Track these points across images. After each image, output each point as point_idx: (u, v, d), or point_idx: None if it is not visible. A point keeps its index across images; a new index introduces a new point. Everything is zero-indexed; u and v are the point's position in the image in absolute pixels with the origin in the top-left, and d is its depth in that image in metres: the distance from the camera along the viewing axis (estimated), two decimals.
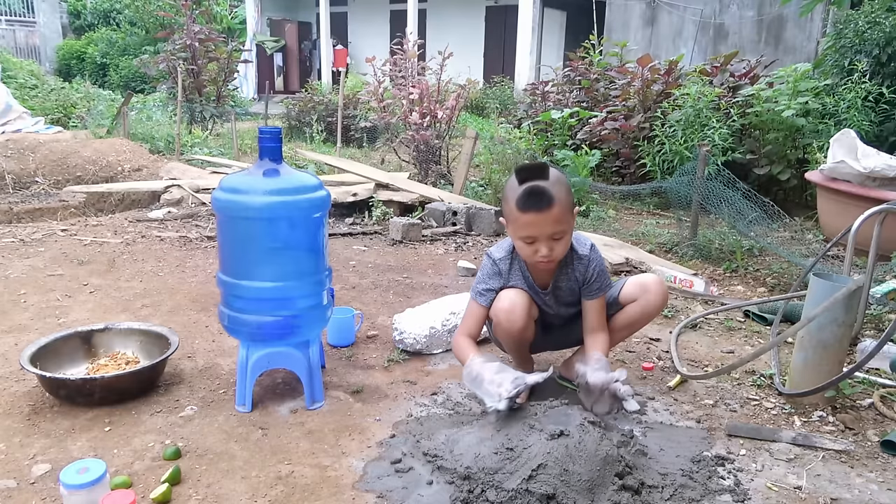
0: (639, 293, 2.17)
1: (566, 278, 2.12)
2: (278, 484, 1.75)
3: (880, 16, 5.24)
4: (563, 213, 1.93)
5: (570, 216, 1.98)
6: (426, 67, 6.75)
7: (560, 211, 1.92)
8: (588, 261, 2.10)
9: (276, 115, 10.01)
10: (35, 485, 1.72)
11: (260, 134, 2.02)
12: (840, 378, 2.13)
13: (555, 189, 1.90)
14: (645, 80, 5.91)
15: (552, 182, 1.91)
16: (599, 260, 2.11)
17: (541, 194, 1.89)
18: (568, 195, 1.96)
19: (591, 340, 2.13)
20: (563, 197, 1.92)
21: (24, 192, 5.08)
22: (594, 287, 2.11)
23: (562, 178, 1.97)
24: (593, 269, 2.09)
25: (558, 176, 1.96)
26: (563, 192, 1.93)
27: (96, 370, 2.27)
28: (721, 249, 4.06)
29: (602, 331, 2.14)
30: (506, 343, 2.22)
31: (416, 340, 2.56)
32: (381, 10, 17.25)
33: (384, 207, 4.87)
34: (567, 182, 2.00)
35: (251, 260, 1.99)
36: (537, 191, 1.89)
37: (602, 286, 2.11)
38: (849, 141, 4.17)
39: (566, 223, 1.96)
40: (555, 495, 1.61)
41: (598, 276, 2.10)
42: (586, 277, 2.10)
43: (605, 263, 2.12)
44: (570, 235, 2.02)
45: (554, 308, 2.20)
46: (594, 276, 2.10)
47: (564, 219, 1.95)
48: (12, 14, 16.72)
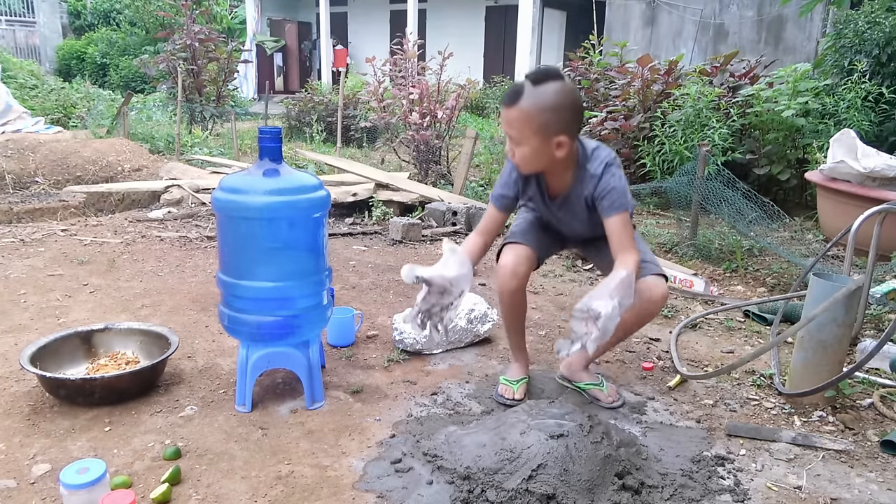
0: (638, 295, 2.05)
1: (576, 193, 2.04)
2: (278, 484, 1.75)
3: (880, 16, 5.24)
4: (517, 120, 1.87)
5: (532, 134, 1.87)
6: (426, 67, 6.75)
7: (515, 116, 1.87)
8: (598, 178, 1.98)
9: (276, 115, 10.01)
10: (35, 485, 1.72)
11: (260, 134, 2.02)
12: (840, 378, 2.13)
13: (529, 95, 1.84)
14: (645, 80, 5.91)
15: (536, 90, 1.84)
16: (612, 180, 1.96)
17: (511, 90, 1.87)
18: (539, 112, 1.84)
19: (617, 262, 1.91)
20: (527, 106, 1.84)
21: (24, 192, 5.08)
22: (604, 205, 1.97)
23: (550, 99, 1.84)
24: (602, 187, 1.96)
25: (553, 89, 1.84)
26: (532, 104, 1.84)
27: (96, 370, 2.27)
28: (721, 249, 4.07)
29: (625, 251, 1.92)
30: (500, 303, 2.26)
31: (416, 340, 2.56)
32: (381, 10, 17.25)
33: (384, 207, 4.87)
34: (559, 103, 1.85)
35: (251, 260, 1.99)
36: (513, 87, 1.87)
37: (613, 204, 1.94)
38: (849, 141, 4.17)
39: (518, 132, 1.89)
40: (555, 495, 1.61)
41: (608, 193, 1.95)
42: (594, 194, 1.99)
43: (623, 184, 1.96)
44: (531, 151, 1.91)
45: (564, 222, 2.15)
46: (603, 194, 1.96)
47: (517, 126, 1.88)
48: (12, 14, 16.72)
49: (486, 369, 2.51)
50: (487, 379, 2.43)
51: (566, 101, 1.87)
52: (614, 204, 1.95)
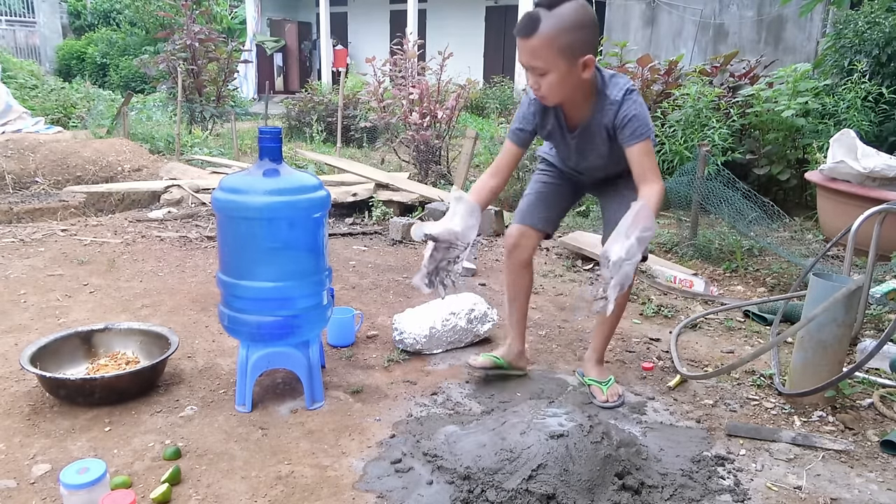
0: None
1: (595, 122, 1.99)
2: (278, 484, 1.75)
3: (880, 16, 5.24)
4: (540, 48, 1.81)
5: (557, 57, 1.81)
6: (426, 67, 6.75)
7: (538, 44, 1.80)
8: (618, 105, 1.93)
9: (276, 115, 10.01)
10: (35, 485, 1.72)
11: (260, 134, 2.02)
12: (840, 378, 2.13)
13: (547, 21, 1.78)
14: (645, 80, 5.91)
15: (552, 13, 1.78)
16: (633, 107, 1.91)
17: (526, 20, 1.81)
18: (561, 33, 1.78)
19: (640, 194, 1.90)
20: (548, 31, 1.78)
21: (24, 192, 5.08)
22: (625, 133, 1.92)
23: (569, 15, 1.78)
24: (623, 115, 1.91)
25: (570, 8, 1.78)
26: (555, 29, 1.78)
27: (96, 370, 2.27)
28: (721, 249, 4.07)
29: (648, 181, 1.91)
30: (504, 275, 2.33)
31: (416, 340, 2.56)
32: (381, 10, 17.25)
33: (384, 207, 4.86)
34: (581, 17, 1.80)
35: (251, 260, 1.99)
36: (526, 16, 1.81)
37: (635, 132, 1.91)
38: (848, 141, 4.17)
39: (543, 60, 1.83)
40: (555, 495, 1.61)
41: (629, 121, 1.91)
42: (615, 123, 1.94)
43: (644, 111, 1.92)
44: (558, 78, 1.85)
45: (583, 155, 2.09)
46: (624, 122, 1.91)
47: (542, 55, 1.82)
48: (12, 14, 16.72)
49: None
50: (487, 379, 2.42)
51: (586, 18, 1.82)
52: (636, 132, 1.91)
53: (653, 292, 3.47)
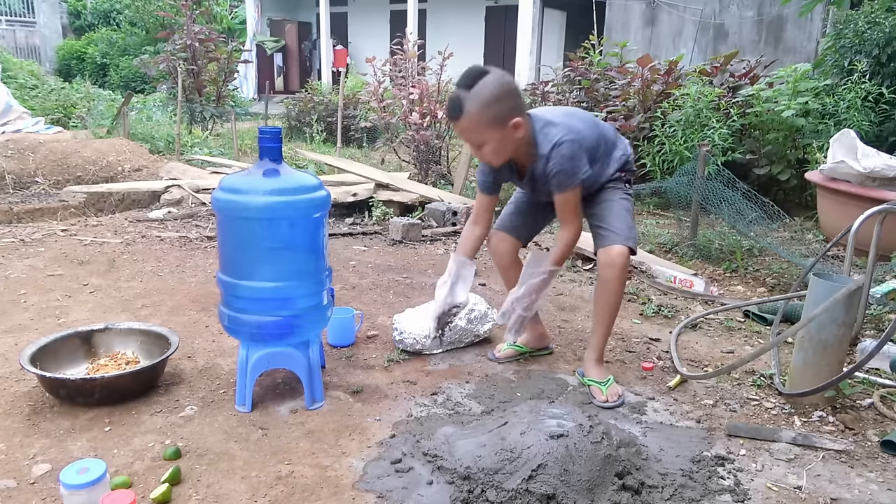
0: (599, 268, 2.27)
1: (537, 170, 2.18)
2: (278, 484, 1.75)
3: (880, 16, 5.24)
4: (470, 127, 1.98)
5: (487, 129, 1.98)
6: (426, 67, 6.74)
7: (467, 124, 1.98)
8: (547, 159, 2.10)
9: (276, 115, 10.01)
10: (35, 485, 1.72)
11: (260, 134, 2.02)
12: (840, 378, 2.13)
13: (469, 102, 1.94)
14: (645, 80, 5.91)
15: (472, 94, 1.93)
16: (559, 162, 2.08)
17: (451, 104, 1.99)
18: (485, 109, 1.94)
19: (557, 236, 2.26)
20: (472, 110, 1.94)
21: (24, 192, 5.08)
22: (553, 183, 2.13)
23: (487, 91, 1.93)
24: (550, 169, 2.10)
25: (487, 83, 1.94)
26: (476, 106, 1.94)
27: (96, 370, 2.27)
28: (721, 249, 4.07)
29: (564, 227, 2.20)
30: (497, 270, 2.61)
31: (416, 340, 2.56)
32: (381, 10, 17.25)
33: (384, 207, 4.87)
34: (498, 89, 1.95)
35: (251, 260, 1.99)
36: (450, 100, 2.00)
37: (559, 185, 2.11)
38: (849, 141, 4.17)
39: (475, 135, 2.01)
40: (555, 495, 1.61)
41: (555, 176, 2.10)
42: (545, 173, 2.13)
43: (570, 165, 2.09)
44: (496, 145, 2.03)
45: (541, 194, 2.31)
46: (550, 176, 2.12)
47: (473, 131, 2.00)
48: (12, 14, 16.71)
49: (486, 369, 2.51)
50: (487, 379, 2.43)
51: (504, 88, 1.97)
52: (560, 185, 2.13)
53: (653, 292, 3.47)
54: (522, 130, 2.04)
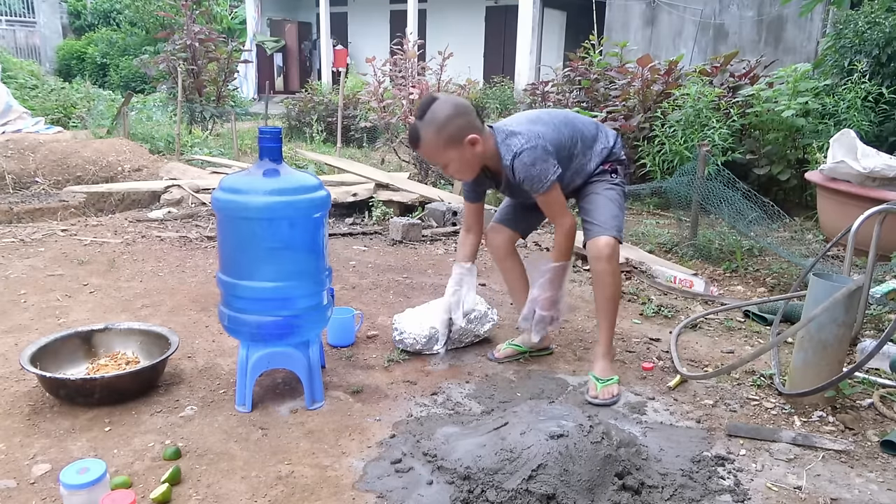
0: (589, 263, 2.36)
1: (507, 179, 2.30)
2: (278, 484, 1.75)
3: (880, 16, 5.24)
4: (429, 151, 2.16)
5: (445, 150, 2.14)
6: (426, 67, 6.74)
7: (426, 150, 2.16)
8: (511, 170, 2.21)
9: (276, 115, 10.01)
10: (35, 485, 1.72)
11: (260, 134, 2.02)
12: (840, 378, 2.13)
13: (424, 129, 2.11)
14: (645, 80, 5.90)
15: (424, 121, 2.10)
16: (523, 170, 2.17)
17: (410, 134, 2.17)
18: (438, 133, 2.10)
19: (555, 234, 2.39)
20: (428, 136, 2.11)
21: (24, 192, 5.08)
22: (527, 188, 2.23)
23: (438, 116, 2.09)
24: (518, 172, 2.19)
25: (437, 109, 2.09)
26: (430, 132, 2.10)
27: (96, 370, 2.27)
28: (721, 249, 4.07)
29: (556, 225, 2.32)
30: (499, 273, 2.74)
31: (416, 340, 2.56)
32: (381, 10, 17.24)
33: (384, 207, 4.87)
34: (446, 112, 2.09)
35: (251, 260, 1.99)
36: (409, 130, 2.17)
37: (534, 187, 2.20)
38: (849, 141, 4.17)
39: (437, 157, 2.18)
40: (555, 495, 1.61)
41: (524, 182, 2.20)
42: (517, 181, 2.22)
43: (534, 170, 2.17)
44: (458, 163, 2.18)
45: (520, 199, 2.48)
46: (522, 181, 2.20)
47: (433, 155, 2.17)
48: (12, 14, 16.71)
49: (486, 369, 2.51)
50: (487, 379, 2.43)
51: (453, 110, 2.12)
52: (533, 188, 2.22)
53: (653, 292, 3.47)
54: (480, 146, 2.16)
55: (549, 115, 2.36)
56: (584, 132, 2.36)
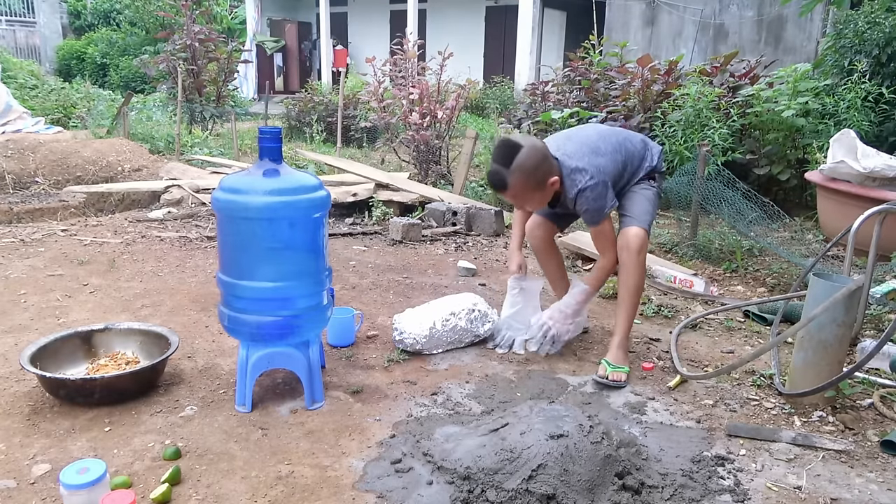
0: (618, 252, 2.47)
1: (564, 204, 2.47)
2: (278, 484, 1.75)
3: (880, 16, 5.24)
4: (515, 195, 2.31)
5: (530, 192, 2.31)
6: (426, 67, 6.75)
7: (513, 194, 2.30)
8: (574, 199, 2.37)
9: (276, 115, 10.01)
10: (35, 485, 1.72)
11: (260, 134, 2.02)
12: (840, 378, 2.13)
13: (511, 176, 2.23)
14: (645, 80, 5.91)
15: (512, 169, 2.22)
16: (584, 203, 2.35)
17: (495, 179, 2.28)
18: (527, 179, 2.25)
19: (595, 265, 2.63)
20: (516, 183, 2.25)
21: (24, 192, 5.08)
22: (584, 218, 2.44)
23: (527, 164, 2.23)
24: (580, 205, 2.37)
25: (523, 158, 2.22)
26: (518, 179, 2.24)
27: (96, 370, 2.27)
28: (721, 249, 4.06)
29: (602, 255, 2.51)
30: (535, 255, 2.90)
31: (416, 340, 2.56)
32: (381, 10, 17.24)
33: (384, 207, 4.86)
34: (533, 160, 2.23)
35: (251, 260, 1.99)
36: (492, 176, 2.29)
37: (591, 220, 2.41)
38: (849, 141, 4.17)
39: (521, 198, 2.36)
40: (555, 495, 1.61)
41: (585, 212, 2.39)
42: (577, 210, 2.43)
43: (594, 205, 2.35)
44: (539, 201, 2.39)
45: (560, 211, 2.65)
46: (582, 210, 2.40)
47: (519, 197, 2.35)
48: (12, 14, 16.71)
49: (486, 369, 2.51)
50: (487, 379, 2.43)
51: (538, 157, 2.25)
52: (590, 220, 2.42)
53: (653, 292, 3.47)
54: (558, 184, 2.34)
55: (605, 141, 2.45)
56: (634, 154, 2.50)
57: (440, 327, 2.58)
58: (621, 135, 2.53)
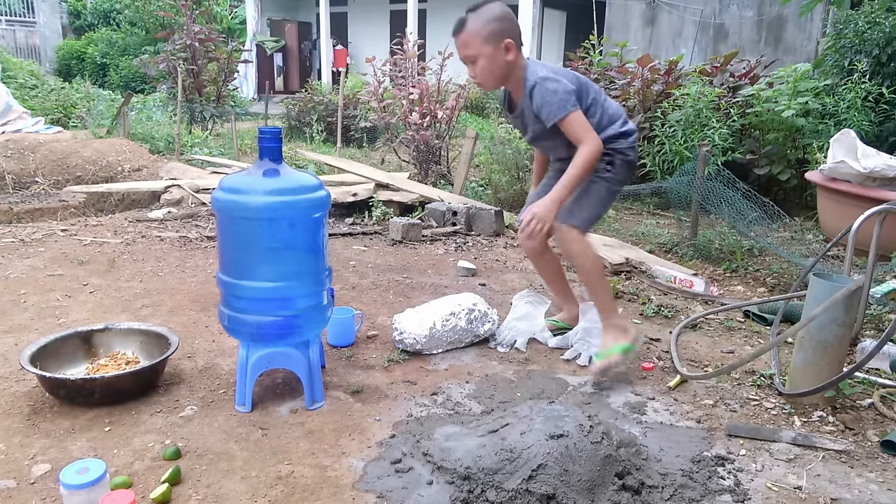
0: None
1: (525, 104, 2.35)
2: (278, 484, 1.75)
3: (880, 16, 5.24)
4: (468, 39, 2.23)
5: (483, 44, 2.22)
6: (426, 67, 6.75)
7: (466, 36, 2.23)
8: (530, 95, 2.27)
9: (276, 115, 10.01)
10: (35, 485, 1.72)
11: (260, 134, 2.02)
12: (840, 378, 2.13)
13: (472, 19, 2.21)
14: (645, 80, 5.91)
15: (477, 13, 2.22)
16: (542, 96, 2.23)
17: (457, 22, 2.26)
18: (484, 25, 2.21)
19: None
20: (475, 26, 2.21)
21: (24, 192, 5.08)
22: (545, 117, 2.27)
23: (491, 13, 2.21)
24: (536, 105, 2.26)
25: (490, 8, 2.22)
26: (479, 23, 2.21)
27: (96, 370, 2.27)
28: (721, 249, 4.06)
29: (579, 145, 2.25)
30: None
31: (416, 340, 2.56)
32: (381, 10, 17.24)
33: (384, 207, 4.86)
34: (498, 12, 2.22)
35: (251, 260, 1.99)
36: (457, 20, 2.27)
37: (551, 115, 2.24)
38: (849, 141, 4.17)
39: (472, 48, 2.24)
40: (555, 495, 1.61)
41: (542, 108, 2.25)
42: (535, 110, 2.29)
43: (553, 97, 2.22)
44: (487, 62, 2.25)
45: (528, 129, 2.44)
46: (540, 110, 2.26)
47: (470, 44, 2.24)
48: (12, 14, 16.71)
49: (486, 369, 2.51)
50: (487, 379, 2.43)
51: (503, 13, 2.24)
52: (552, 114, 2.24)
53: (653, 292, 3.47)
54: (513, 54, 2.25)
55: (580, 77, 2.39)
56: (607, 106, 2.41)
57: (440, 327, 2.58)
58: (602, 92, 2.46)
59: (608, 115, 2.40)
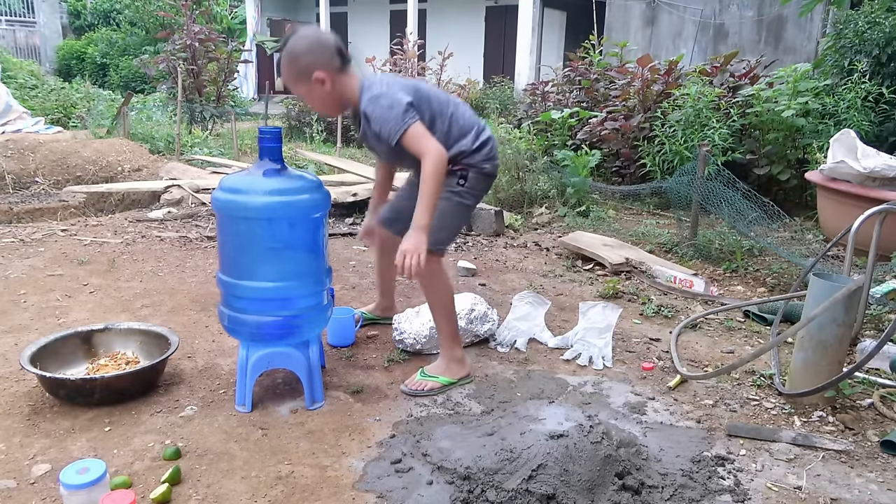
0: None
1: (365, 128, 2.22)
2: (278, 484, 1.75)
3: (880, 16, 5.24)
4: (286, 81, 2.16)
5: (297, 84, 2.14)
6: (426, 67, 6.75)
7: (284, 79, 2.16)
8: (367, 116, 2.14)
9: (276, 115, 10.01)
10: (35, 485, 1.72)
11: (260, 134, 2.02)
12: (840, 378, 2.13)
13: (283, 61, 2.13)
14: (645, 80, 5.91)
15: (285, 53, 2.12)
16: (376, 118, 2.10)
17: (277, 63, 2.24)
18: (291, 66, 2.11)
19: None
20: (285, 69, 2.14)
21: (24, 192, 5.08)
22: (384, 135, 2.10)
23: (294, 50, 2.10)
24: (375, 123, 2.11)
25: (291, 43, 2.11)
26: (286, 64, 2.12)
27: (96, 370, 2.27)
28: (721, 249, 4.06)
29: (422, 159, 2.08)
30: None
31: (416, 340, 2.56)
32: (381, 10, 17.24)
33: None
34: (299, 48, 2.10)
35: (251, 260, 1.99)
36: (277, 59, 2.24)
37: (390, 135, 2.08)
38: (849, 141, 4.17)
39: (294, 89, 2.18)
40: (555, 495, 1.61)
41: (380, 130, 2.10)
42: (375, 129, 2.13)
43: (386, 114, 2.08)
44: (310, 98, 2.18)
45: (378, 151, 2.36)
46: (379, 127, 2.10)
47: (291, 85, 2.17)
48: (12, 14, 16.71)
49: (486, 369, 2.51)
50: (487, 379, 2.43)
51: (306, 46, 2.10)
52: (390, 134, 2.09)
53: (653, 292, 3.47)
54: (328, 83, 2.11)
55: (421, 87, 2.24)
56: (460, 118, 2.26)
57: None
58: (453, 100, 2.31)
59: (458, 126, 2.25)
